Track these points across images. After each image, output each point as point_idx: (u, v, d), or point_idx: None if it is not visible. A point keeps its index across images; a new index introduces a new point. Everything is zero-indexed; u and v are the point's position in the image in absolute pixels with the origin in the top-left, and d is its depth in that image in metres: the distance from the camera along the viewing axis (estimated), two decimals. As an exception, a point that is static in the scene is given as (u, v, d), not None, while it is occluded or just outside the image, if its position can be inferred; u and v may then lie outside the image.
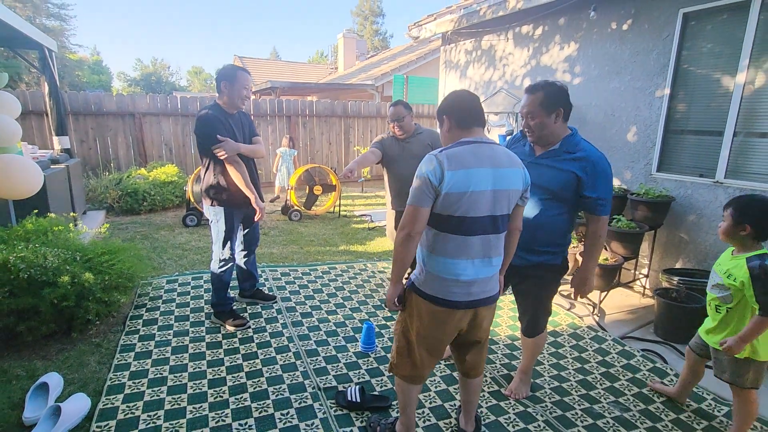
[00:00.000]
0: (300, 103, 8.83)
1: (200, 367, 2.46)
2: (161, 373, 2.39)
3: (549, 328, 3.07)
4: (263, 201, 2.89)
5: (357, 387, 2.22)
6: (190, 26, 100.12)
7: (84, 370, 2.38)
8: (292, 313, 3.18)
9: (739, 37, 3.06)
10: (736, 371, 1.89)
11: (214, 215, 2.79)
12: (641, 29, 3.66)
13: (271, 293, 3.44)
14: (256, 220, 2.94)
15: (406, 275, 1.71)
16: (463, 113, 1.62)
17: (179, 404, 2.14)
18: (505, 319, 3.23)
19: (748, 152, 3.12)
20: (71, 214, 4.07)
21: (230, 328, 2.88)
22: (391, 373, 1.85)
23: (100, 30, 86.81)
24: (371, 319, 3.16)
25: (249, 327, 2.93)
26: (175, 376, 2.36)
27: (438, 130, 2.11)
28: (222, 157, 2.63)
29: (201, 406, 2.13)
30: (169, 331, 2.84)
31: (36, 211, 3.20)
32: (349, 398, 2.17)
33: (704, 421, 2.14)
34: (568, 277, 3.65)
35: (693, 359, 2.17)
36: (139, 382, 2.30)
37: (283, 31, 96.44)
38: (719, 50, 3.22)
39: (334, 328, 3.00)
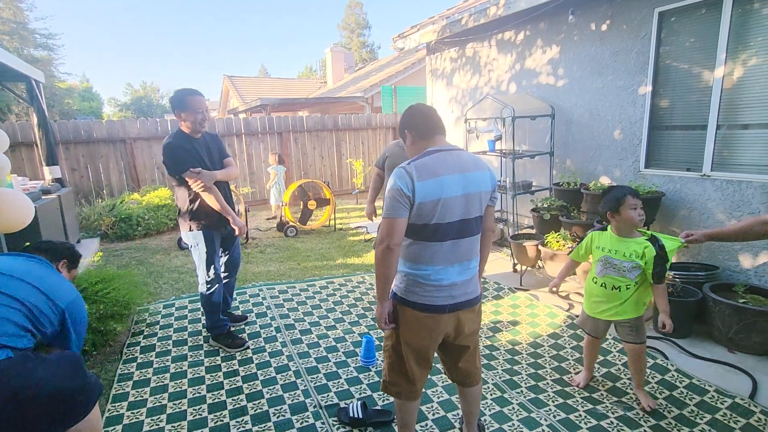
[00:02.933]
0: (291, 119, 8.88)
1: (200, 393, 2.44)
2: (160, 402, 2.36)
3: (549, 330, 3.08)
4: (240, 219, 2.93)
5: (359, 402, 2.21)
6: (178, 48, 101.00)
7: (82, 403, 2.35)
8: (291, 331, 3.17)
9: (714, 32, 3.13)
10: (641, 332, 2.20)
11: (194, 239, 2.77)
12: (619, 30, 3.73)
13: (242, 314, 3.37)
14: (236, 235, 2.91)
15: None
16: (423, 124, 1.69)
17: None
18: (505, 324, 3.22)
19: (732, 144, 3.16)
20: (64, 243, 4.05)
21: (229, 350, 2.86)
22: (384, 392, 1.83)
23: (88, 57, 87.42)
24: (371, 332, 3.15)
25: (248, 347, 2.91)
26: (174, 404, 2.34)
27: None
28: (199, 188, 2.64)
29: (202, 432, 2.11)
30: (167, 357, 2.82)
31: (28, 243, 3.18)
32: (351, 414, 2.15)
33: (707, 415, 2.14)
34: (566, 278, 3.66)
35: (594, 343, 2.41)
36: (137, 412, 2.27)
37: (272, 48, 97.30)
38: (696, 46, 3.28)
39: (333, 343, 2.99)
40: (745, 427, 2.04)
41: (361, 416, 2.14)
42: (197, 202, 2.71)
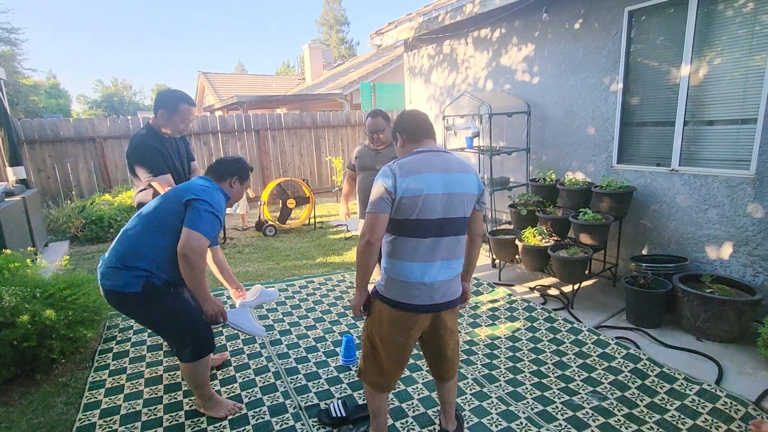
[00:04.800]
0: (268, 116, 8.74)
1: (176, 398, 2.38)
2: (135, 408, 2.29)
3: (527, 323, 3.14)
4: None
5: (339, 401, 2.20)
6: (151, 44, 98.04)
7: (50, 413, 2.26)
8: (271, 332, 3.12)
9: (681, 31, 3.22)
10: None
11: None
12: (592, 28, 3.81)
13: None
14: None
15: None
16: (413, 129, 1.78)
17: (155, 439, 2.06)
18: (484, 318, 3.26)
19: (699, 140, 3.28)
20: (30, 248, 3.88)
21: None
22: (358, 378, 1.91)
23: (55, 52, 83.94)
24: (351, 331, 3.14)
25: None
26: (149, 410, 2.27)
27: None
28: None
29: (178, 439, 2.06)
30: (142, 363, 2.74)
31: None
32: (334, 414, 2.14)
33: (677, 401, 2.22)
34: (543, 272, 3.72)
35: None
36: (110, 420, 2.20)
37: (248, 44, 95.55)
38: (665, 44, 3.38)
39: (313, 343, 2.96)
40: (712, 411, 2.13)
41: (344, 414, 2.13)
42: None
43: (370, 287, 1.81)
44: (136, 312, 2.03)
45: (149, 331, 3.16)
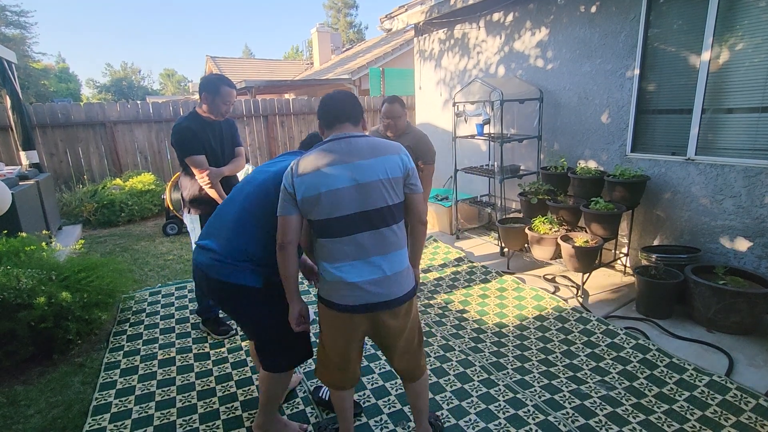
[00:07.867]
0: (277, 101, 8.69)
1: (188, 379, 2.43)
2: (149, 389, 2.35)
3: (535, 312, 3.13)
4: None
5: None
6: (159, 28, 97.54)
7: (68, 392, 2.33)
8: (280, 317, 3.16)
9: (702, 15, 3.12)
10: None
11: (191, 223, 2.83)
12: (609, 12, 3.70)
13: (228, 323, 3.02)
14: None
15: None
16: (325, 113, 1.62)
17: (168, 419, 2.12)
18: (492, 307, 3.26)
19: (717, 128, 3.20)
20: (44, 231, 3.95)
21: (216, 337, 2.86)
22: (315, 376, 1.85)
23: (64, 36, 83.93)
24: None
25: (236, 334, 2.90)
26: (163, 391, 2.33)
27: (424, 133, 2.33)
28: (205, 184, 2.66)
29: (191, 418, 2.11)
30: (155, 345, 2.80)
31: (5, 231, 3.09)
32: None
33: (686, 392, 2.21)
34: (552, 261, 3.70)
35: None
36: (126, 400, 2.26)
37: (256, 28, 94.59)
38: (684, 29, 3.27)
39: (322, 328, 3.00)
40: (722, 403, 2.12)
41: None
42: (198, 189, 2.74)
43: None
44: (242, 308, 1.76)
45: (161, 313, 3.22)
